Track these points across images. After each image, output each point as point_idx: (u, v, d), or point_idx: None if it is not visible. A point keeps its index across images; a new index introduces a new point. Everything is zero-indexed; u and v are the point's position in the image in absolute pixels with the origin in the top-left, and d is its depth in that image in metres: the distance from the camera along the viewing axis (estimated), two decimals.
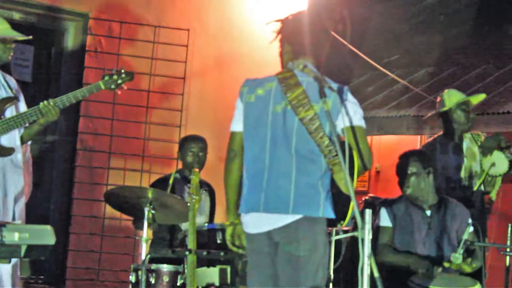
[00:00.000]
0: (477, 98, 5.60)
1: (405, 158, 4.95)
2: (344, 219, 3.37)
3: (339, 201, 3.37)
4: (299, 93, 3.38)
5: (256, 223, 3.46)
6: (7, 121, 4.33)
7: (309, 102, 3.35)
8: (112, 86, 4.58)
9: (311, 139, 3.34)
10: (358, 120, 3.39)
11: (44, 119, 4.43)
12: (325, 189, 3.37)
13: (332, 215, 3.37)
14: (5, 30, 4.51)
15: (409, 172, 4.87)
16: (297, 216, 3.35)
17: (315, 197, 3.35)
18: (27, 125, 4.49)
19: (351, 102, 3.40)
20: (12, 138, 4.40)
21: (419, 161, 4.90)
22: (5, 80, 4.54)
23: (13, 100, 4.47)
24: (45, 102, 4.41)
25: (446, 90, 5.69)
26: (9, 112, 4.42)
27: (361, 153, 3.37)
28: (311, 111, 3.34)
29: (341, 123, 3.34)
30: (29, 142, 4.65)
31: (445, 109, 5.49)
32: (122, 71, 4.62)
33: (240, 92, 3.60)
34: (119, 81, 4.59)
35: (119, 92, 4.67)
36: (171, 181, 5.37)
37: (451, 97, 5.51)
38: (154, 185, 5.51)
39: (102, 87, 4.56)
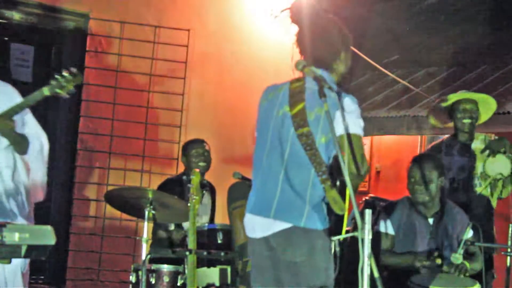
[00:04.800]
0: (485, 103, 5.53)
1: (420, 163, 4.87)
2: (339, 233, 3.33)
3: (332, 217, 3.36)
4: (300, 109, 3.38)
5: (251, 226, 3.48)
6: None
7: (306, 119, 3.35)
8: (58, 91, 4.27)
9: (304, 152, 3.35)
10: (354, 128, 3.33)
11: None
12: (314, 201, 3.33)
13: (318, 227, 3.33)
14: None
15: (427, 179, 4.81)
16: (288, 225, 3.33)
17: (299, 206, 3.33)
18: None
19: (348, 111, 3.34)
20: None
21: (434, 168, 4.85)
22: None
23: None
24: None
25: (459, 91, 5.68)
26: None
27: (356, 161, 3.31)
28: (306, 128, 3.35)
29: (337, 130, 3.30)
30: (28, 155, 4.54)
31: (445, 104, 5.49)
32: (66, 73, 4.29)
33: (260, 98, 3.62)
34: (64, 84, 4.28)
35: (66, 96, 4.32)
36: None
37: (456, 95, 5.51)
38: (164, 185, 5.54)
39: (46, 93, 4.26)
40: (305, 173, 3.34)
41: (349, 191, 3.08)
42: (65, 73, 4.29)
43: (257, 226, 3.44)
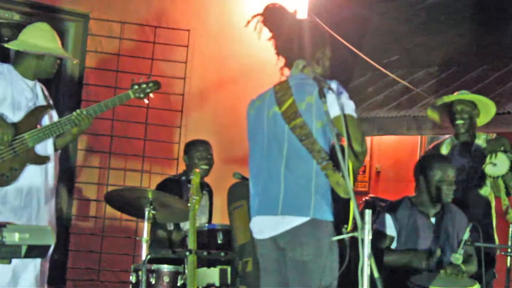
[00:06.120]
0: (483, 102, 5.52)
1: (450, 163, 4.88)
2: (346, 222, 3.34)
3: (339, 204, 3.36)
4: (289, 104, 3.41)
5: (259, 228, 3.49)
6: (42, 129, 4.44)
7: (297, 110, 3.38)
8: (141, 95, 4.73)
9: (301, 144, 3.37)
10: (347, 109, 3.37)
11: (77, 128, 4.57)
12: (320, 191, 3.34)
13: (327, 217, 3.35)
14: (58, 49, 4.67)
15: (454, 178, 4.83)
16: (297, 222, 3.34)
17: (304, 198, 3.34)
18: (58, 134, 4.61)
19: (341, 94, 3.40)
20: (44, 147, 4.50)
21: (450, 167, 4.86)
22: (42, 89, 4.64)
23: (47, 108, 4.60)
24: (78, 111, 4.56)
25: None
26: (44, 120, 4.56)
27: (350, 140, 3.35)
28: (298, 118, 3.37)
29: (332, 111, 3.32)
30: (59, 152, 4.78)
31: (440, 102, 5.50)
32: (150, 80, 4.77)
33: (247, 110, 3.66)
34: (147, 90, 4.74)
35: (146, 101, 4.81)
36: None
37: (452, 96, 5.51)
38: (163, 184, 5.54)
39: (131, 96, 4.71)
40: (306, 164, 3.36)
41: (352, 170, 3.13)
42: (145, 80, 4.74)
43: (265, 226, 3.45)
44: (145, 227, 4.61)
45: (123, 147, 6.78)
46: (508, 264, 4.79)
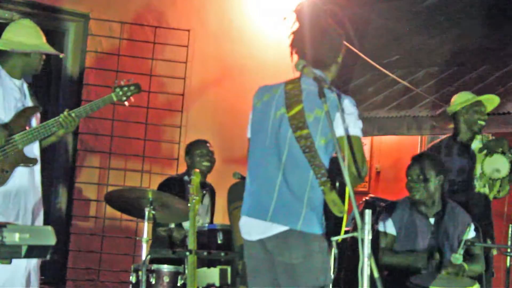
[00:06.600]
0: (491, 101, 5.54)
1: (418, 162, 4.89)
2: (338, 235, 3.30)
3: (331, 219, 3.34)
4: (298, 111, 3.36)
5: (247, 229, 3.46)
6: (32, 131, 4.44)
7: (305, 121, 3.33)
8: (123, 98, 4.78)
9: (303, 155, 3.33)
10: (353, 129, 3.32)
11: (64, 131, 4.58)
12: (312, 204, 3.31)
13: (315, 231, 3.31)
14: (44, 45, 4.65)
15: (420, 177, 4.82)
16: (285, 228, 3.31)
17: (296, 209, 3.30)
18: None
19: (348, 113, 3.33)
20: (31, 149, 4.50)
21: (431, 166, 4.84)
22: (28, 89, 4.64)
23: (36, 109, 4.62)
24: (65, 113, 4.56)
25: (460, 92, 5.69)
26: (32, 121, 4.59)
27: (356, 162, 3.31)
28: (305, 130, 3.33)
29: (337, 131, 3.29)
30: None
31: (451, 109, 5.50)
32: (131, 83, 4.81)
33: (253, 98, 3.58)
34: (129, 93, 4.78)
35: (127, 104, 4.82)
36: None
37: (460, 99, 5.51)
38: (165, 184, 5.54)
39: (114, 98, 4.76)
40: (303, 176, 3.32)
41: (348, 191, 3.08)
42: (127, 83, 4.80)
43: (253, 229, 3.41)
44: (145, 227, 4.61)
45: (123, 147, 6.78)
46: (508, 264, 4.80)
